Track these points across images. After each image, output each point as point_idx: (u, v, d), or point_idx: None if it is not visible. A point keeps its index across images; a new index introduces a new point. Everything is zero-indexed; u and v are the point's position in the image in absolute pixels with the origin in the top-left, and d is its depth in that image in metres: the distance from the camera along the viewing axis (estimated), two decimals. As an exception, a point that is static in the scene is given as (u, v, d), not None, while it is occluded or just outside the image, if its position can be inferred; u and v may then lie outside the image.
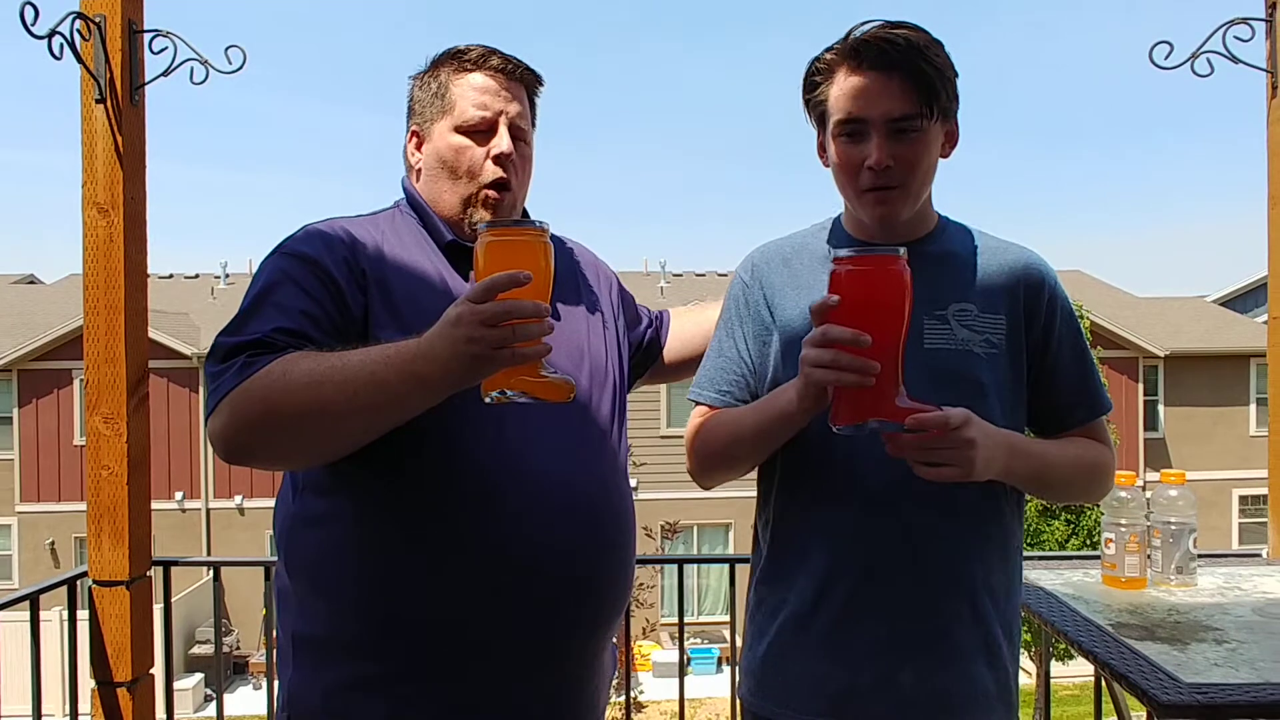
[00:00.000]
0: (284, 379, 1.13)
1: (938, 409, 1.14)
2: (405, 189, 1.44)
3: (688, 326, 1.68)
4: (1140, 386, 17.16)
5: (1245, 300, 22.42)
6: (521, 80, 1.41)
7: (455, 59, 1.38)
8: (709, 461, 1.40)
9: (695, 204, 48.43)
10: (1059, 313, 1.36)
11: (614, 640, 1.44)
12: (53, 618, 5.99)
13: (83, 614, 2.37)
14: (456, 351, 1.06)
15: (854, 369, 1.11)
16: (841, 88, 1.28)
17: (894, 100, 1.24)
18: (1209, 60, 2.35)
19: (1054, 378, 1.35)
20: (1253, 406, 17.33)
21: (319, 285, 1.25)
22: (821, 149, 1.37)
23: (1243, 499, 17.06)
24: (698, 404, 1.43)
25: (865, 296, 1.13)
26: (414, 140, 1.43)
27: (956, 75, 1.30)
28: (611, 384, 1.43)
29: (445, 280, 1.33)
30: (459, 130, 1.36)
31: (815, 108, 1.34)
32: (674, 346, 1.68)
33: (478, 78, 1.37)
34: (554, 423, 1.30)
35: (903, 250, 1.15)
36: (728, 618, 2.20)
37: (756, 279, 1.41)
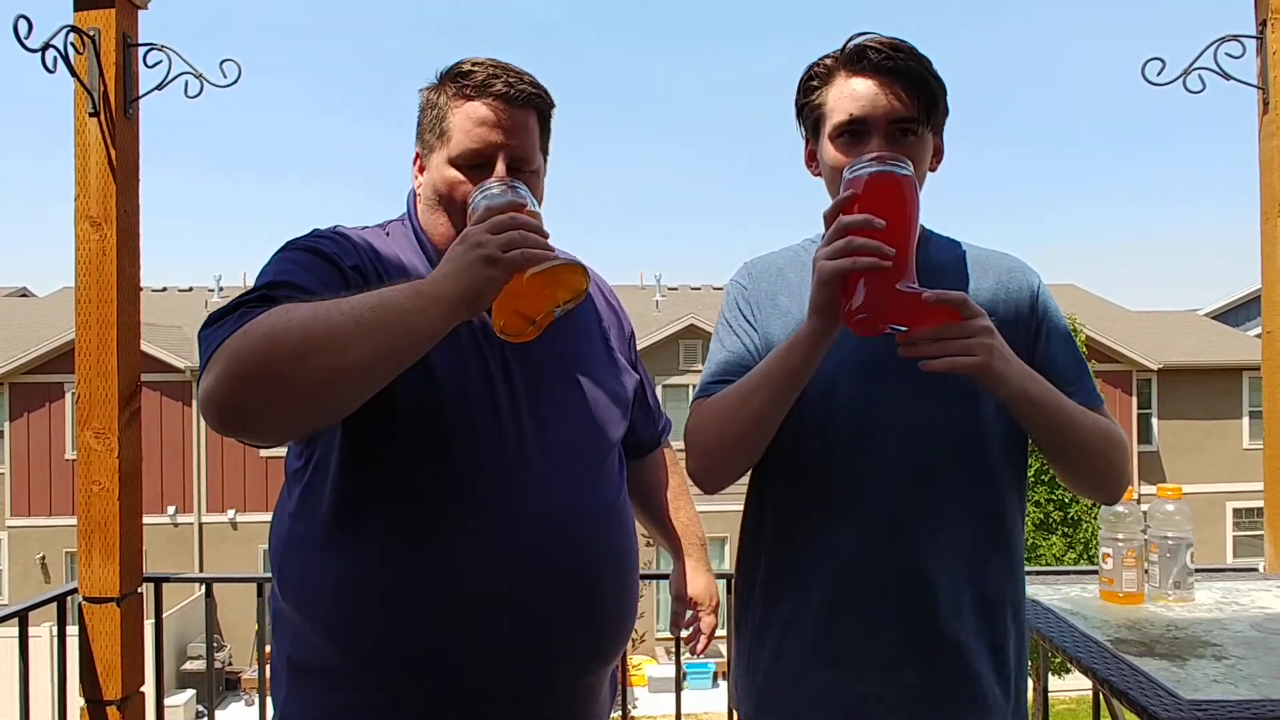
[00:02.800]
0: (286, 315, 1.04)
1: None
2: (409, 205, 1.40)
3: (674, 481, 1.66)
4: (1134, 400, 17.21)
5: (1237, 314, 22.53)
6: (528, 105, 1.30)
7: (457, 81, 1.29)
8: (711, 440, 1.31)
9: (691, 217, 48.61)
10: (1048, 311, 1.37)
11: (614, 668, 1.42)
12: (42, 634, 5.93)
13: (72, 630, 2.34)
14: (465, 262, 1.07)
15: (869, 250, 1.10)
16: (842, 90, 1.28)
17: (896, 103, 1.26)
18: (1200, 76, 2.37)
19: (1047, 366, 1.33)
20: (1246, 419, 17.39)
21: (335, 278, 1.20)
22: (811, 158, 1.37)
23: (1236, 512, 17.11)
24: (701, 399, 1.37)
25: (877, 190, 1.14)
26: (417, 163, 1.37)
27: (946, 91, 1.32)
28: (618, 417, 1.40)
29: None
30: (453, 163, 1.28)
31: (810, 112, 1.34)
32: (647, 480, 1.63)
33: (477, 108, 1.27)
34: (553, 453, 1.28)
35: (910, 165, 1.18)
36: (724, 632, 2.20)
37: (754, 282, 1.42)
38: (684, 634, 1.65)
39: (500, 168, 1.27)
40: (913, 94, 1.26)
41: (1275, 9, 2.29)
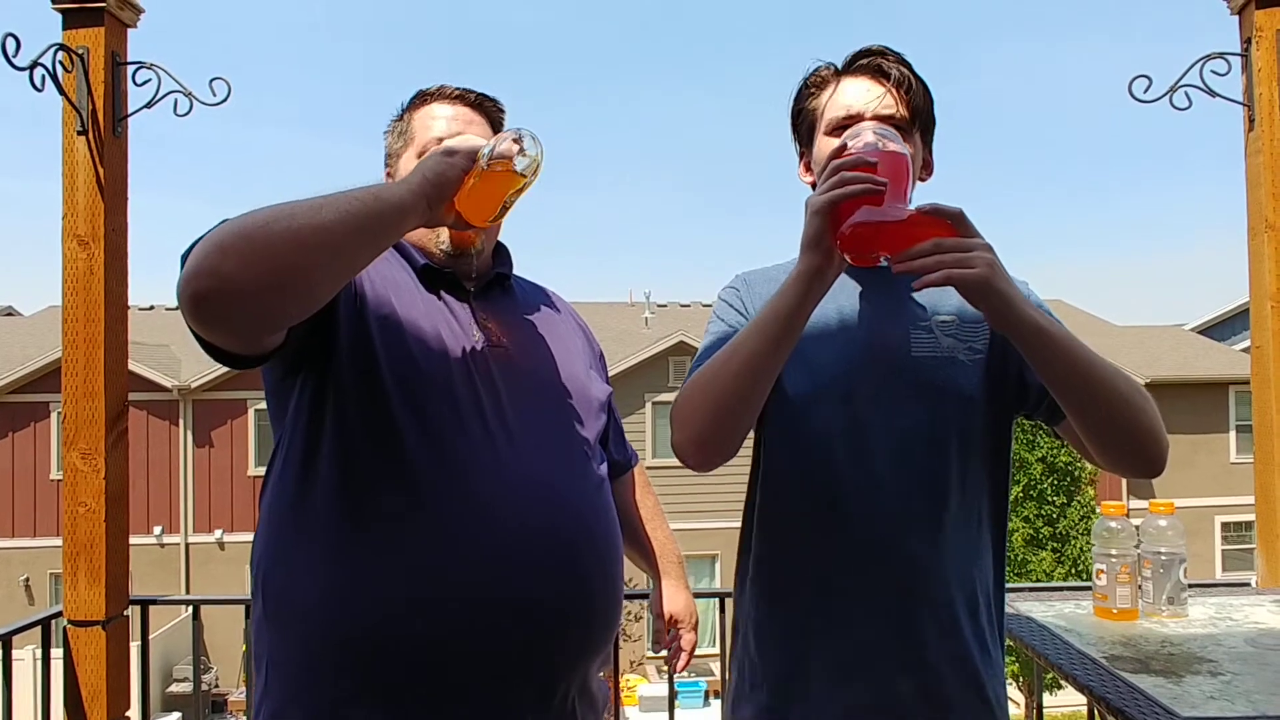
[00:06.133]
0: (256, 208, 1.06)
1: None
2: None
3: (647, 503, 1.68)
4: (1122, 414, 17.25)
5: (1222, 329, 22.69)
6: (480, 106, 1.44)
7: (416, 97, 1.44)
8: (697, 398, 1.22)
9: (680, 235, 48.76)
10: (1039, 306, 1.35)
11: (601, 674, 1.41)
12: (25, 657, 5.86)
13: (57, 653, 2.31)
14: (427, 159, 1.18)
15: (859, 180, 1.10)
16: (836, 91, 1.34)
17: (886, 101, 1.31)
18: (1187, 94, 2.39)
19: None
20: (1232, 433, 17.47)
21: None
22: (806, 169, 1.40)
23: (1225, 525, 17.15)
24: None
25: (872, 151, 1.16)
26: (388, 181, 1.44)
27: (934, 101, 1.36)
28: (594, 413, 1.42)
29: (419, 289, 1.34)
30: (420, 157, 1.36)
31: (805, 118, 1.38)
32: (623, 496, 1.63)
33: (434, 107, 1.42)
34: (533, 450, 1.28)
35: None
36: (716, 650, 2.21)
37: (748, 288, 1.42)
38: (664, 652, 1.65)
39: None
40: (903, 95, 1.31)
41: (1259, 27, 2.32)
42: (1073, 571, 12.13)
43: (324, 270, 1.07)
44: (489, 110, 1.45)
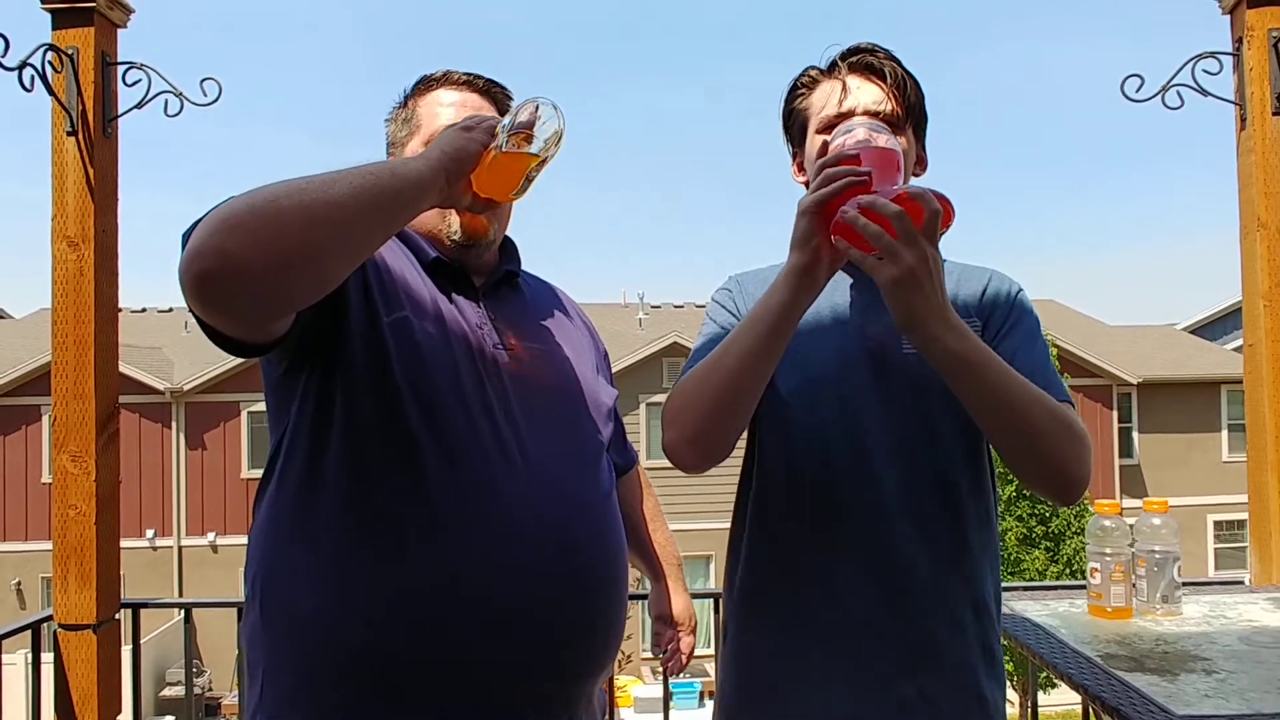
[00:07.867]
0: (264, 184, 1.01)
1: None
2: None
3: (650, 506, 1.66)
4: (1114, 414, 17.34)
5: (1214, 328, 22.79)
6: (488, 93, 1.40)
7: (420, 83, 1.40)
8: (690, 396, 1.22)
9: (674, 236, 48.79)
10: (1024, 313, 1.34)
11: (600, 685, 1.39)
12: (17, 661, 5.83)
13: (47, 658, 2.29)
14: (444, 135, 1.15)
15: (845, 173, 1.11)
16: (826, 90, 1.35)
17: (877, 97, 1.31)
18: (1179, 93, 2.40)
19: (1009, 360, 1.26)
20: (1224, 432, 17.56)
21: None
22: (799, 169, 1.40)
23: (1217, 524, 17.23)
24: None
25: (855, 145, 1.17)
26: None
27: (924, 96, 1.36)
28: (604, 420, 1.40)
29: (428, 285, 1.29)
30: (428, 144, 1.30)
31: (796, 118, 1.38)
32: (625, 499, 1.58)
33: (441, 93, 1.37)
34: (545, 459, 1.25)
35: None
36: (711, 651, 2.21)
37: (741, 288, 1.42)
38: (662, 654, 1.64)
39: None
40: (894, 93, 1.31)
41: (1250, 27, 2.33)
42: (1066, 570, 12.17)
43: (335, 250, 1.02)
44: (497, 97, 1.40)
